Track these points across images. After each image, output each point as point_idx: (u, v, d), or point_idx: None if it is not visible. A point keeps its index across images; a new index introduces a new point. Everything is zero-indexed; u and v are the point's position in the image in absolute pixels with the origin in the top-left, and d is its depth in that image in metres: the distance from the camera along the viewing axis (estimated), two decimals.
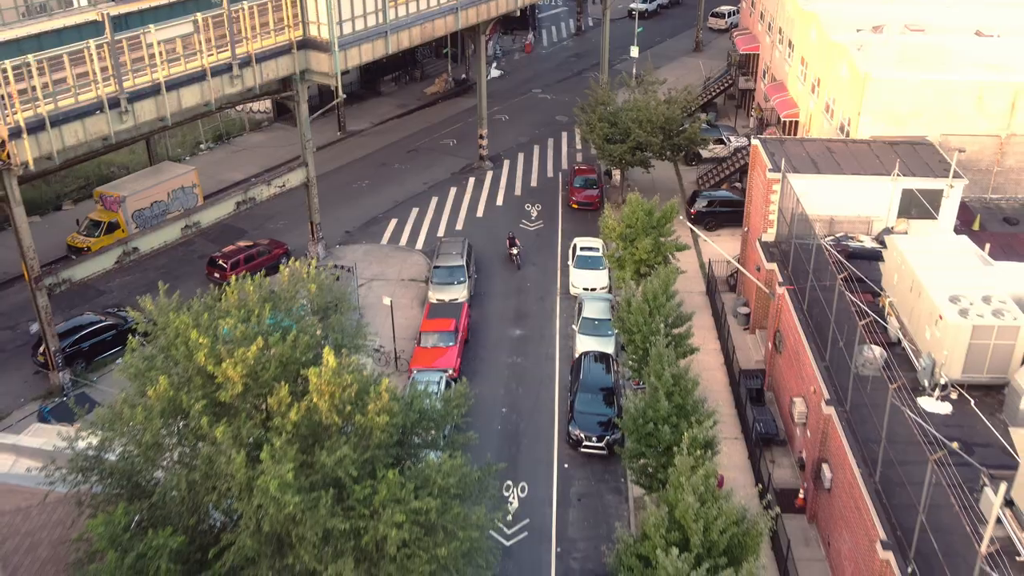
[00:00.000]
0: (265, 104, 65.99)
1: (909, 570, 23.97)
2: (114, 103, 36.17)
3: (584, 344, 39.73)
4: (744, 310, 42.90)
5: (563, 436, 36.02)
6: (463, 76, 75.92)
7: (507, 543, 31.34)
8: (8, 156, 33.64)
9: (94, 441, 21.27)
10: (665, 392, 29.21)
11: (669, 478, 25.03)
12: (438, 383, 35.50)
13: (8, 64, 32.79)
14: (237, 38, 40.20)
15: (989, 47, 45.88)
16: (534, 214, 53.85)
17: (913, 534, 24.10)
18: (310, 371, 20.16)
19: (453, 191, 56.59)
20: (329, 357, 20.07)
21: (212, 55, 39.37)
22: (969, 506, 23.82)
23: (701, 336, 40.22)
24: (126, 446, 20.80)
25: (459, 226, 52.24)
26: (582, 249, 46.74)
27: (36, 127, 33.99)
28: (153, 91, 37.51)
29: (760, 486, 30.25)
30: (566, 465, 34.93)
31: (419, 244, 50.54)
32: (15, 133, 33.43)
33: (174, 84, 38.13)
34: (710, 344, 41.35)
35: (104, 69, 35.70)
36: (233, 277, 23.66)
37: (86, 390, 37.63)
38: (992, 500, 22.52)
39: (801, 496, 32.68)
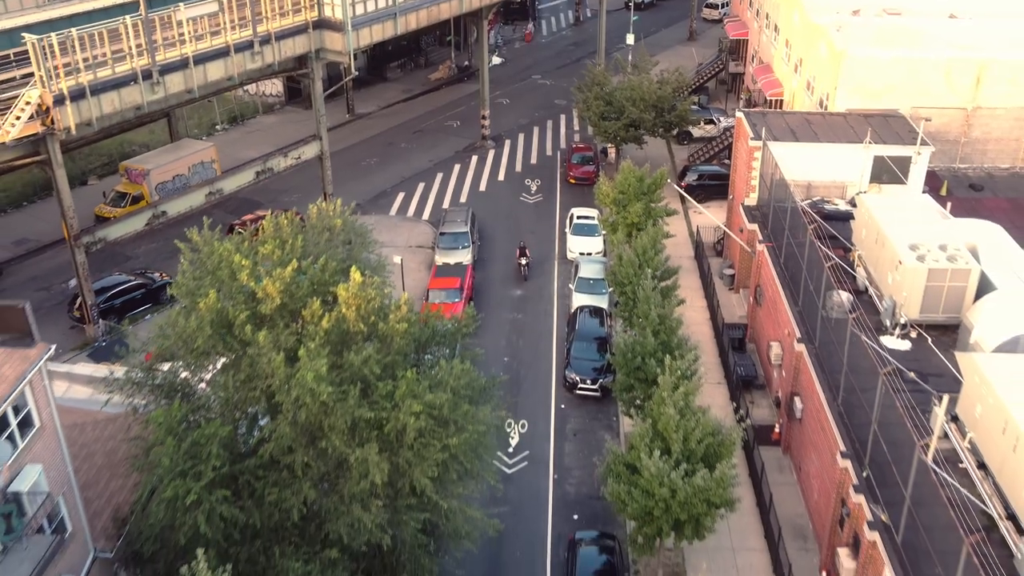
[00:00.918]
0: (277, 88, 69.21)
1: (864, 475, 27.12)
2: (147, 75, 39.35)
3: (580, 300, 42.90)
4: (729, 272, 46.04)
5: (560, 381, 39.16)
6: (466, 63, 79.03)
7: (509, 471, 34.48)
8: (52, 121, 36.81)
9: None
10: (652, 330, 32.37)
11: (653, 396, 28.14)
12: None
13: (54, 37, 35.90)
14: (258, 17, 43.33)
15: (960, 29, 48.98)
16: (534, 188, 57.00)
17: (867, 446, 27.26)
18: (339, 287, 23.31)
19: (457, 168, 59.74)
20: (355, 275, 23.23)
21: (235, 33, 42.51)
22: (920, 424, 26.91)
23: (689, 296, 43.25)
24: (176, 358, 23.91)
25: (463, 199, 55.40)
26: (579, 218, 49.90)
27: (77, 95, 37.16)
28: (182, 65, 40.68)
29: (739, 414, 33.29)
30: (563, 406, 38.10)
31: (425, 215, 53.68)
32: (59, 100, 36.62)
33: (201, 59, 41.29)
34: (697, 302, 44.50)
35: (138, 45, 38.84)
36: (268, 215, 26.73)
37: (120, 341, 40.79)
38: (939, 413, 25.62)
39: (776, 430, 35.86)
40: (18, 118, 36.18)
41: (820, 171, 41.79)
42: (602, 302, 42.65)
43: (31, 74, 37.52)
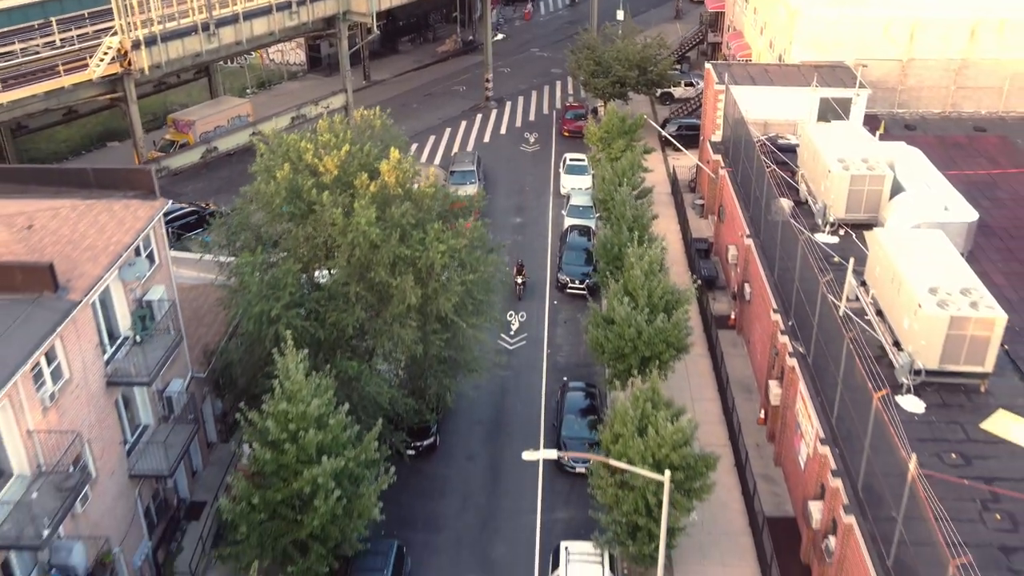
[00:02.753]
0: (300, 57, 76.61)
1: (790, 324, 34.48)
2: (205, 27, 46.74)
3: (570, 222, 50.30)
4: (699, 202, 53.44)
5: (553, 283, 46.55)
6: (470, 38, 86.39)
7: (511, 348, 41.86)
8: (130, 63, 44.20)
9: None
10: (627, 227, 39.73)
11: (624, 262, 35.52)
12: None
13: None
14: None
15: None
16: (532, 140, 64.40)
17: (792, 304, 34.63)
18: (381, 163, 30.67)
19: (463, 124, 67.16)
20: (394, 153, 30.59)
21: None
22: (837, 285, 34.11)
23: (665, 222, 50.65)
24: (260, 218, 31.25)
25: (469, 148, 62.75)
26: (571, 160, 57.35)
27: (150, 42, 44.54)
28: (233, 19, 48.11)
29: (694, 276, 40.44)
30: (555, 302, 45.51)
31: (436, 161, 60.99)
32: (135, 45, 44.00)
33: (249, 15, 48.73)
34: (672, 227, 51.87)
35: (199, 2, 46.22)
36: (321, 119, 33.99)
37: None
38: (848, 269, 32.97)
39: (732, 317, 43.24)
40: (102, 60, 43.61)
41: (775, 111, 49.12)
42: (589, 223, 50.02)
43: (105, 29, 44.97)
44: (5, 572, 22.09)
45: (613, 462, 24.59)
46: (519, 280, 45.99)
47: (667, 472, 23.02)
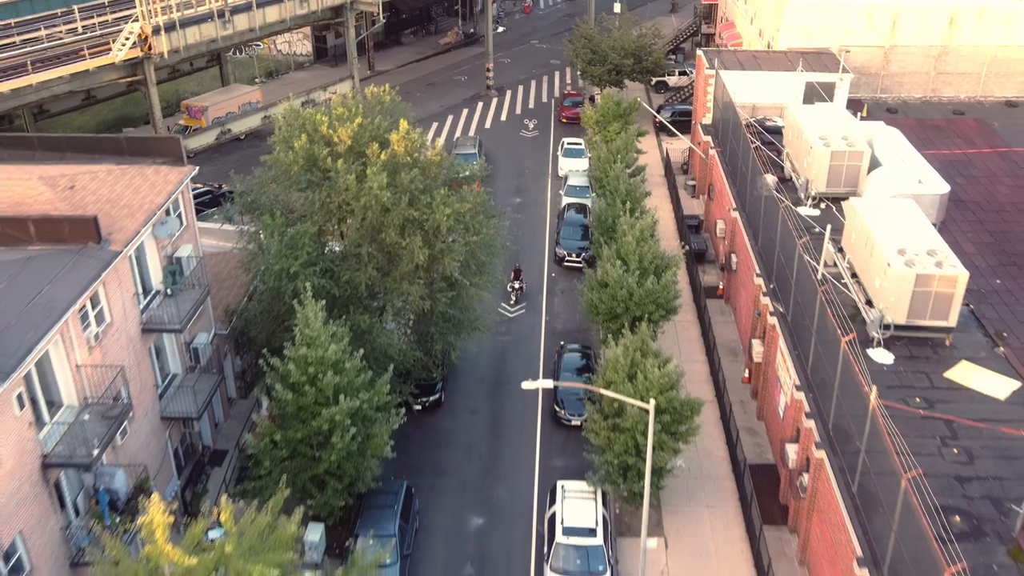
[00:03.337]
0: (306, 47, 79.09)
1: (771, 286, 36.95)
2: (220, 14, 49.19)
3: (568, 200, 52.78)
4: (691, 183, 55.91)
5: (552, 256, 49.04)
6: (471, 30, 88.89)
7: (511, 316, 44.35)
8: (150, 48, 46.68)
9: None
10: (620, 200, 42.19)
11: (617, 230, 38.00)
12: None
13: None
14: None
15: None
16: (531, 126, 66.96)
17: (773, 268, 37.10)
18: (391, 134, 33.14)
19: (465, 111, 69.67)
20: (403, 123, 33.07)
21: None
22: (816, 251, 36.53)
23: (658, 201, 53.11)
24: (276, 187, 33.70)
25: (471, 133, 65.23)
26: (568, 144, 59.82)
27: (169, 28, 47.01)
28: (247, 7, 50.59)
29: (683, 243, 42.95)
30: (553, 274, 48.01)
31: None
32: (155, 31, 46.47)
33: (261, 3, 51.18)
34: (665, 206, 54.33)
35: None
36: (334, 96, 36.49)
37: None
38: (825, 235, 35.43)
39: (720, 287, 45.73)
40: (124, 44, 46.08)
41: (762, 95, 51.55)
42: (585, 202, 52.48)
43: (123, 17, 47.44)
44: (57, 494, 24.54)
45: (603, 391, 27.06)
46: (516, 285, 45.65)
47: (652, 400, 25.44)
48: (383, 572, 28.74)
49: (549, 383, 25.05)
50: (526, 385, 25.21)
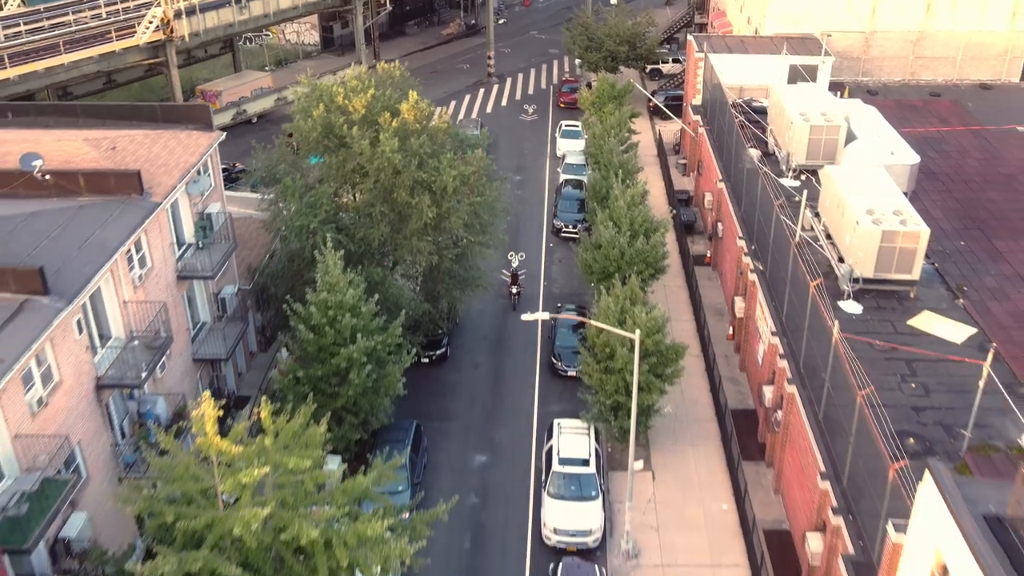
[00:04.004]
0: (314, 37, 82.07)
1: (752, 247, 39.95)
2: (237, 0, 52.19)
3: (565, 177, 55.80)
4: (682, 162, 58.92)
5: (550, 228, 52.05)
6: (472, 22, 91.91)
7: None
8: (172, 31, 49.68)
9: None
10: (613, 172, 45.17)
11: (609, 194, 40.98)
12: None
13: None
14: None
15: None
16: (530, 110, 70.00)
17: (754, 231, 40.09)
18: (401, 104, 36.12)
19: (467, 97, 72.69)
20: (412, 94, 36.06)
21: None
22: (793, 215, 39.47)
23: (650, 178, 55.95)
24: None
25: (473, 117, 68.25)
26: (566, 126, 62.87)
27: (190, 12, 50.01)
28: None
29: (672, 209, 45.94)
30: (551, 244, 51.02)
31: None
32: (177, 15, 49.47)
33: None
34: (657, 182, 57.31)
35: None
36: (348, 70, 39.43)
37: None
38: (802, 201, 38.41)
39: (708, 255, 48.72)
40: (147, 27, 49.07)
41: (749, 77, 54.53)
42: (582, 178, 55.49)
43: (145, 3, 50.43)
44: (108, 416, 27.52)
45: (594, 322, 30.06)
46: (514, 290, 45.12)
47: (637, 331, 28.43)
48: (395, 498, 31.70)
49: (545, 315, 28.04)
50: (526, 317, 28.21)
